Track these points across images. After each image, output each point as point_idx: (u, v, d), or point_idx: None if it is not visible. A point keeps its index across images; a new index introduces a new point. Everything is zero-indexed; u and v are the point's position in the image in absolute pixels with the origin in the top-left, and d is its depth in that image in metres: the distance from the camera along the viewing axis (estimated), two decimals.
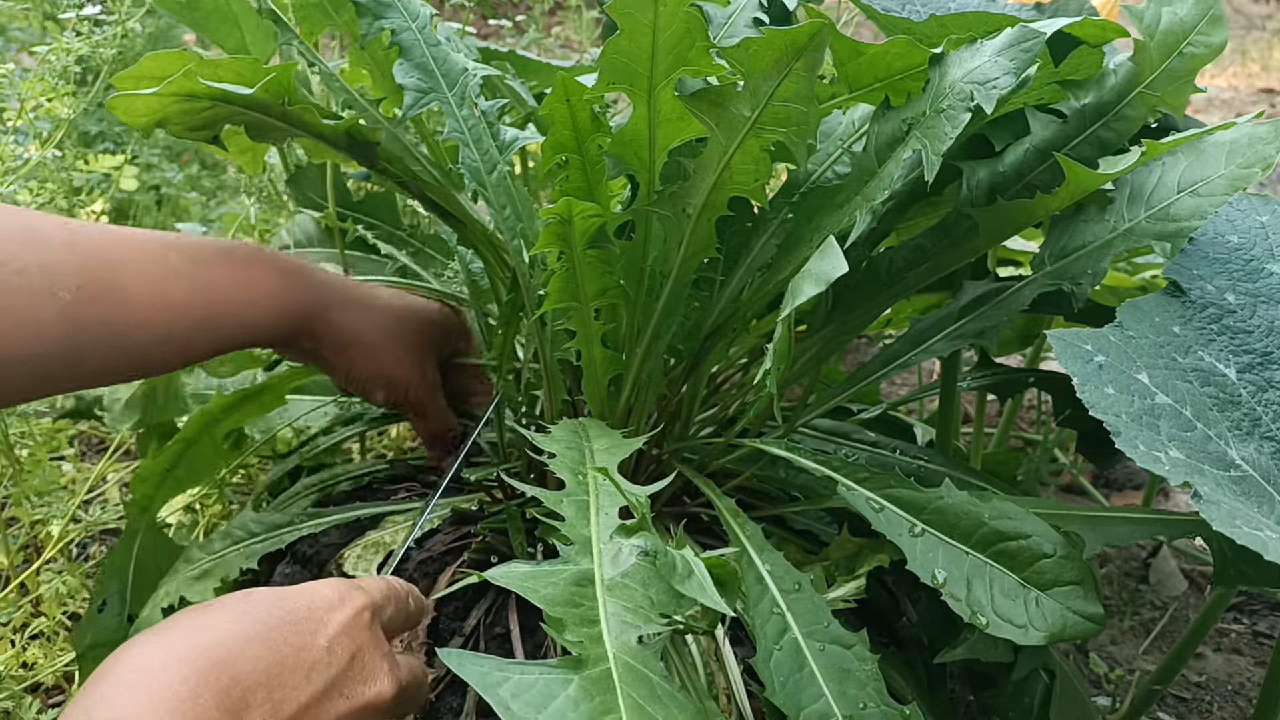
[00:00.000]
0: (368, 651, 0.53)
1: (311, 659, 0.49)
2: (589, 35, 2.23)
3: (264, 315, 0.71)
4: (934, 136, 0.66)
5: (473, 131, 0.81)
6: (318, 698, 0.49)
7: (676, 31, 0.63)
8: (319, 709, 0.49)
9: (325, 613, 0.52)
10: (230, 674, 0.46)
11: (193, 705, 0.44)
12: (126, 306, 0.63)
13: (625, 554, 0.52)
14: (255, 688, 0.46)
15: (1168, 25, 0.78)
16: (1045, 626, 0.63)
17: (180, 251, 0.67)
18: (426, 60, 0.80)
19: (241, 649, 0.47)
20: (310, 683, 0.49)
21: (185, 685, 0.44)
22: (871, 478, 0.73)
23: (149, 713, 0.43)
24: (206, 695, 0.45)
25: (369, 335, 0.80)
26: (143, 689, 0.44)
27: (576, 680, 0.44)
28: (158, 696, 0.44)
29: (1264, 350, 0.68)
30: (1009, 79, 0.65)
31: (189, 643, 0.47)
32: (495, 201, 0.80)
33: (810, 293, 0.58)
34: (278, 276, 0.73)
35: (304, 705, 0.48)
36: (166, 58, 0.76)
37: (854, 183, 0.74)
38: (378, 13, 0.80)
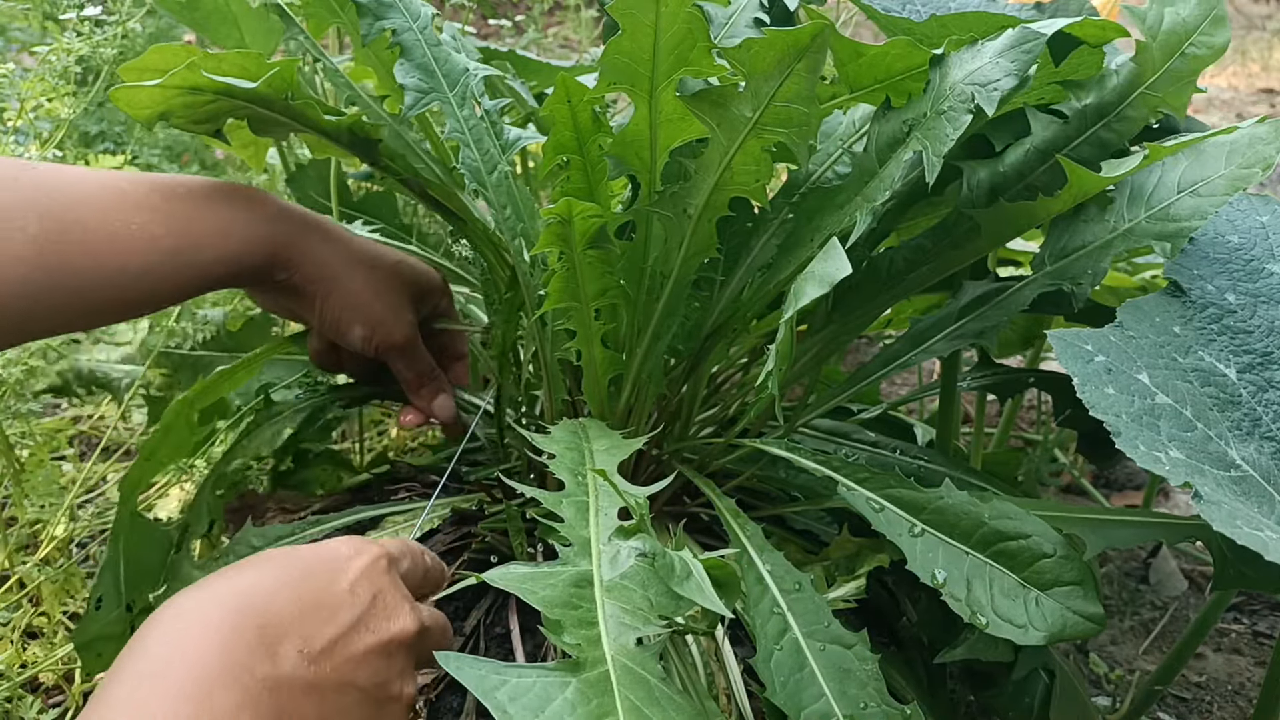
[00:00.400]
0: (388, 592, 0.55)
1: (335, 601, 0.53)
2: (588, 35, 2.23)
3: (239, 244, 0.70)
4: (935, 138, 0.66)
5: (473, 131, 0.81)
6: (345, 633, 0.52)
7: (678, 32, 0.63)
8: (346, 642, 0.52)
9: (344, 562, 0.55)
10: (264, 615, 0.49)
11: (233, 640, 0.47)
12: (96, 242, 0.62)
13: (624, 556, 0.52)
14: (288, 626, 0.50)
15: (1170, 26, 0.78)
16: (1045, 626, 0.63)
17: (152, 186, 0.67)
18: (428, 60, 0.81)
19: (272, 596, 0.50)
20: (336, 620, 0.52)
21: (225, 624, 0.47)
22: (871, 478, 0.73)
23: (193, 649, 0.46)
24: (245, 631, 0.48)
25: (346, 269, 0.78)
26: (184, 631, 0.47)
27: (574, 683, 0.44)
28: (199, 635, 0.47)
29: (1264, 350, 0.68)
30: (1010, 80, 0.65)
31: (223, 592, 0.50)
32: (496, 201, 0.80)
33: (813, 294, 0.58)
34: (251, 205, 0.72)
35: (333, 640, 0.51)
36: (171, 50, 0.76)
37: (854, 183, 0.74)
38: (379, 13, 0.80)
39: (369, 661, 0.53)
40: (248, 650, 0.47)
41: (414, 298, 0.85)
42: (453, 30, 0.93)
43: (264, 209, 0.73)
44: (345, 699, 0.51)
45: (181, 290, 0.70)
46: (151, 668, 0.45)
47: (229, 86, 0.74)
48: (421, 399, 0.88)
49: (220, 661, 0.46)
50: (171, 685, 0.44)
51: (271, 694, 0.47)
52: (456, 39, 0.91)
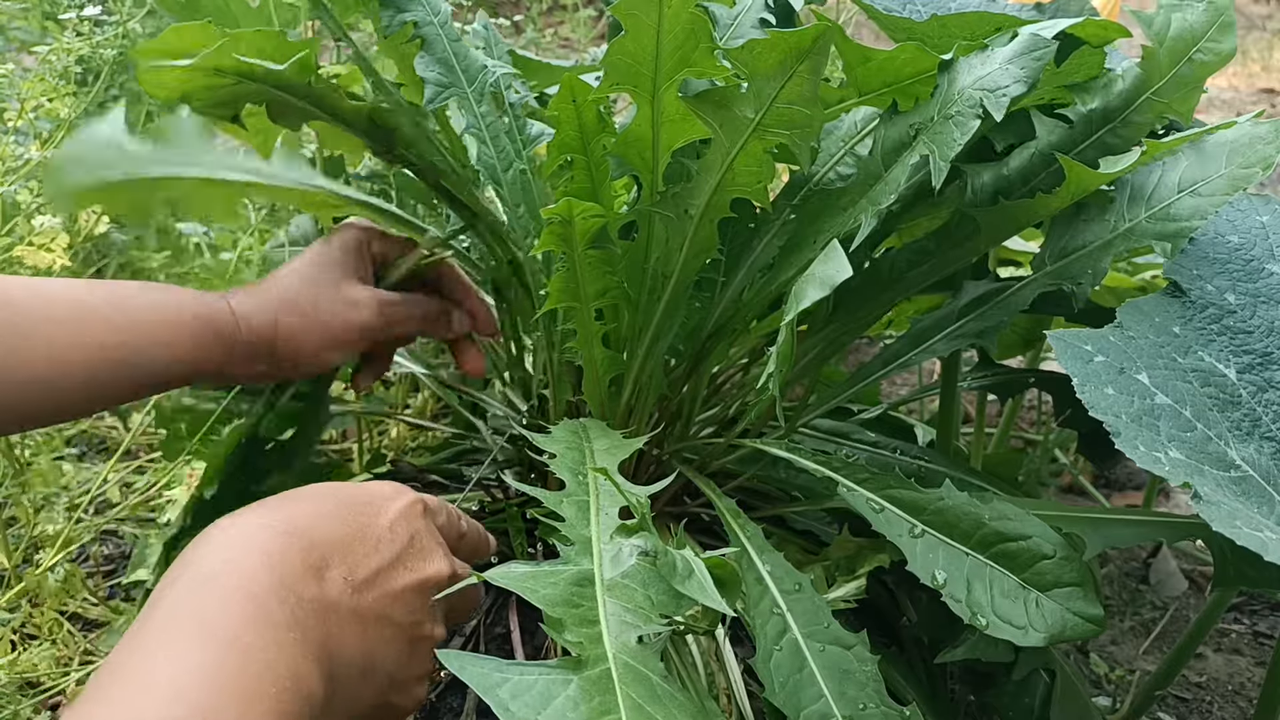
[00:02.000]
0: (423, 535, 0.57)
1: (377, 534, 0.54)
2: (586, 34, 2.23)
3: (187, 350, 0.69)
4: (942, 142, 0.66)
5: (490, 128, 0.81)
6: (385, 567, 0.53)
7: (681, 33, 0.63)
8: (386, 576, 0.53)
9: (384, 501, 0.57)
10: (310, 540, 0.51)
11: (281, 558, 0.48)
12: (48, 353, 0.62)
13: (626, 554, 0.52)
14: (333, 553, 0.51)
15: (1177, 31, 0.78)
16: (1045, 628, 0.63)
17: (102, 295, 0.66)
18: (448, 55, 0.81)
19: (317, 523, 0.52)
20: (378, 553, 0.54)
21: (273, 543, 0.49)
22: (872, 478, 0.73)
23: (245, 564, 0.47)
24: (293, 553, 0.49)
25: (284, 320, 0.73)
26: (234, 548, 0.48)
27: (576, 681, 0.44)
28: (248, 551, 0.48)
29: (1264, 350, 0.68)
30: (1019, 87, 0.65)
31: (270, 517, 0.51)
32: (510, 199, 0.80)
33: (815, 297, 0.58)
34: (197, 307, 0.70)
35: (374, 571, 0.53)
36: (189, 31, 0.74)
37: (859, 186, 0.74)
38: (401, 5, 0.81)
39: (405, 598, 0.54)
40: (296, 572, 0.49)
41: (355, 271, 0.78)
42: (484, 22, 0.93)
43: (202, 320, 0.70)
44: (384, 631, 0.52)
45: (127, 395, 0.69)
46: (207, 574, 0.46)
47: (253, 69, 0.73)
48: (440, 329, 0.84)
49: (270, 578, 0.47)
50: (226, 592, 0.45)
51: (318, 617, 0.48)
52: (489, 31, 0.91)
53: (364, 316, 0.76)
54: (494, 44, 0.92)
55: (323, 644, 0.48)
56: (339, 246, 0.78)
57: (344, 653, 0.50)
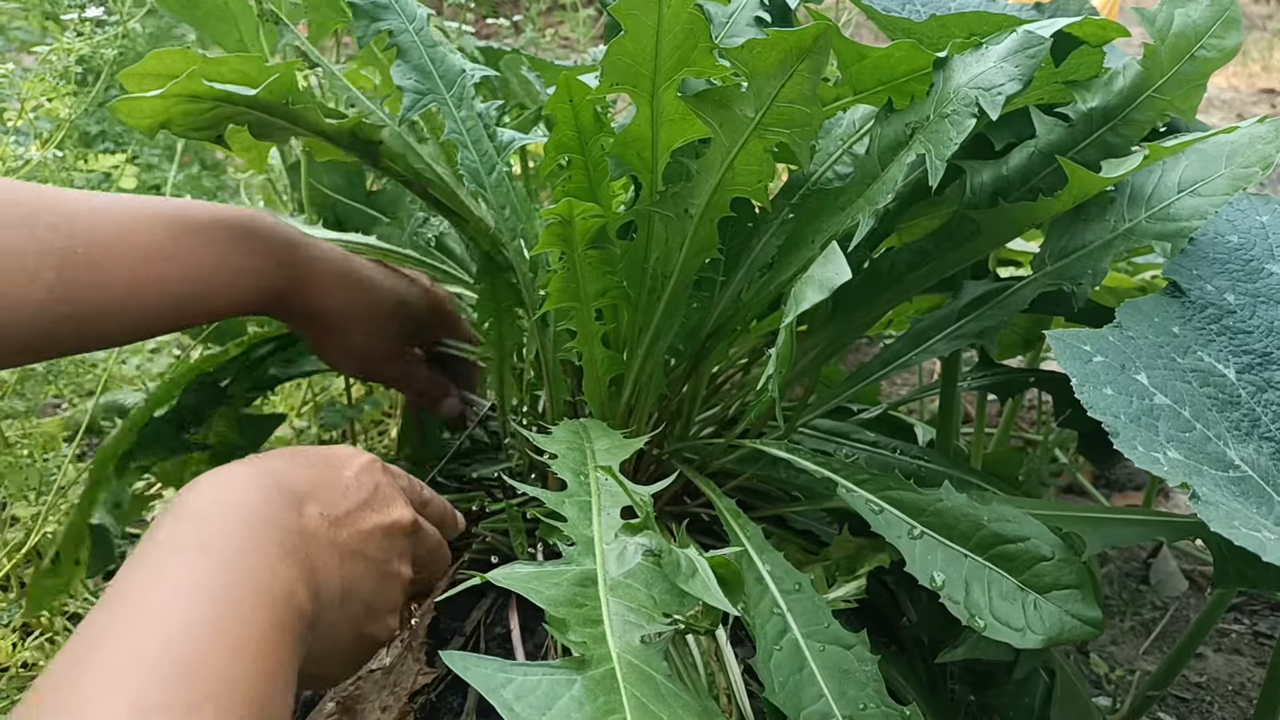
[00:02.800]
0: (385, 486, 0.61)
1: (344, 482, 0.58)
2: (586, 34, 2.23)
3: (246, 294, 0.73)
4: (938, 141, 0.66)
5: (471, 133, 0.81)
6: (354, 509, 0.57)
7: (680, 32, 0.63)
8: (357, 516, 0.57)
9: (347, 457, 0.61)
10: (289, 483, 0.54)
11: (265, 497, 0.52)
12: (109, 287, 0.65)
13: (630, 553, 0.52)
14: (307, 494, 0.55)
15: (1180, 28, 0.77)
16: (1043, 630, 0.63)
17: (167, 228, 0.69)
18: (424, 62, 0.81)
19: (290, 472, 0.56)
20: (346, 497, 0.57)
21: (254, 485, 0.52)
22: (871, 479, 0.73)
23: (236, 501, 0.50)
24: (274, 493, 0.53)
25: (342, 318, 0.81)
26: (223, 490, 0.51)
27: (580, 681, 0.44)
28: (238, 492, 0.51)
29: (1263, 350, 0.68)
30: (1014, 85, 0.65)
31: (245, 469, 0.54)
32: (495, 202, 0.80)
33: (814, 299, 0.58)
34: (262, 255, 0.73)
35: (346, 510, 0.57)
36: (170, 55, 0.76)
37: (856, 185, 0.74)
38: (374, 15, 0.80)
39: (374, 537, 0.58)
40: (280, 508, 0.52)
41: (412, 331, 0.88)
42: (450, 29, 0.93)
43: (272, 254, 0.74)
44: (358, 565, 0.56)
45: (183, 325, 0.74)
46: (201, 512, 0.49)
47: (229, 94, 0.74)
48: (426, 406, 0.92)
49: (259, 513, 0.50)
50: (219, 523, 0.49)
51: (304, 544, 0.52)
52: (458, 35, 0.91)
53: (392, 371, 0.87)
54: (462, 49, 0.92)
55: (309, 567, 0.51)
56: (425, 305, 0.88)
57: (326, 579, 0.53)
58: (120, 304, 0.66)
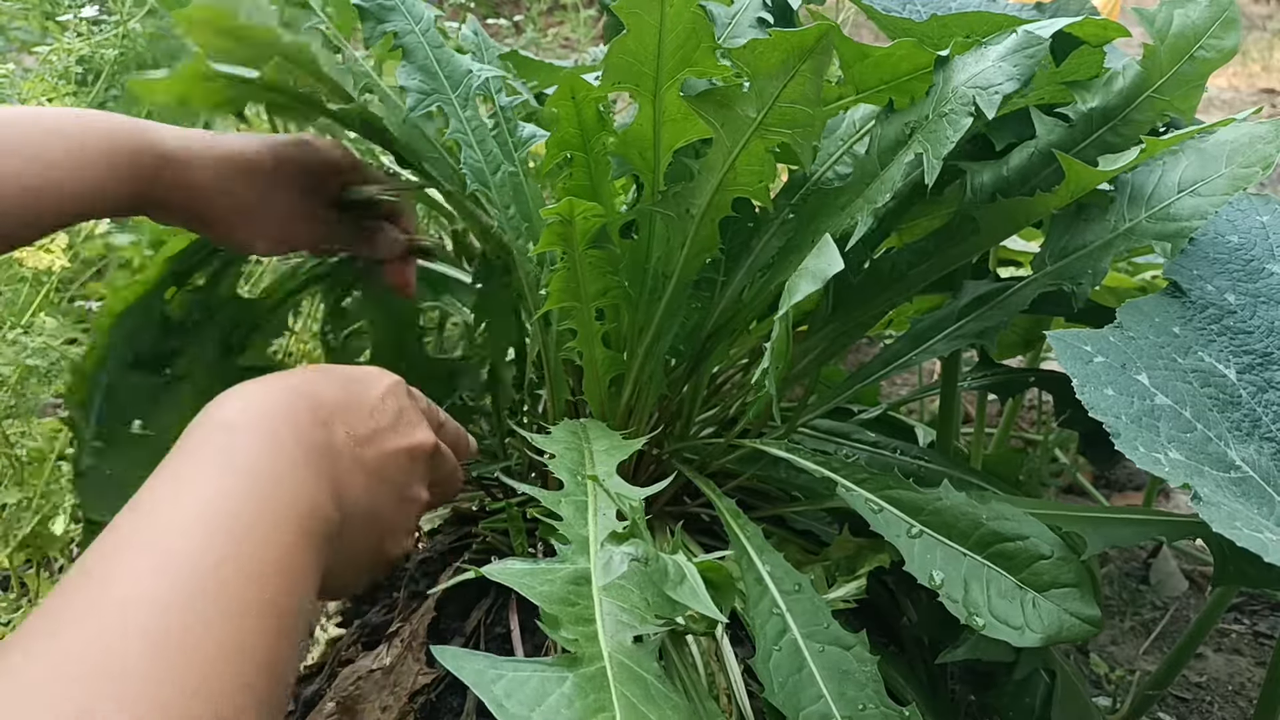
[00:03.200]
0: (409, 410, 0.62)
1: (370, 403, 0.59)
2: (587, 34, 2.23)
3: (96, 185, 0.69)
4: (936, 140, 0.66)
5: (476, 132, 0.81)
6: (380, 429, 0.58)
7: (682, 32, 0.63)
8: (381, 438, 0.58)
9: (374, 378, 0.62)
10: (317, 398, 0.55)
11: (291, 410, 0.52)
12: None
13: (617, 561, 0.52)
14: (335, 411, 0.56)
15: (1179, 28, 0.78)
16: (1042, 628, 0.63)
17: (12, 125, 0.66)
18: (429, 62, 0.81)
19: (319, 387, 0.56)
20: (373, 418, 0.58)
21: (284, 398, 0.53)
22: (870, 479, 0.73)
23: (259, 407, 0.51)
24: (301, 406, 0.53)
25: (221, 193, 0.75)
26: (251, 400, 0.52)
27: (571, 678, 0.44)
28: (264, 402, 0.52)
29: (1264, 351, 0.68)
30: (1012, 84, 0.65)
31: (280, 380, 0.55)
32: (499, 201, 0.80)
33: (807, 290, 0.58)
34: (109, 144, 0.69)
35: (372, 430, 0.58)
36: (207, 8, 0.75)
37: (855, 185, 0.74)
38: (380, 16, 0.80)
39: (397, 459, 0.59)
40: (305, 422, 0.53)
41: (311, 187, 0.80)
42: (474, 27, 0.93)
43: (123, 145, 0.70)
44: (380, 486, 0.57)
45: (38, 228, 0.69)
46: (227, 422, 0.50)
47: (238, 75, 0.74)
48: (364, 254, 0.87)
49: (284, 424, 0.51)
50: (245, 434, 0.49)
51: (329, 459, 0.53)
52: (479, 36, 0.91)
53: (306, 232, 0.81)
54: (484, 48, 0.92)
55: (334, 481, 0.52)
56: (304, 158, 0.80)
57: (351, 494, 0.54)
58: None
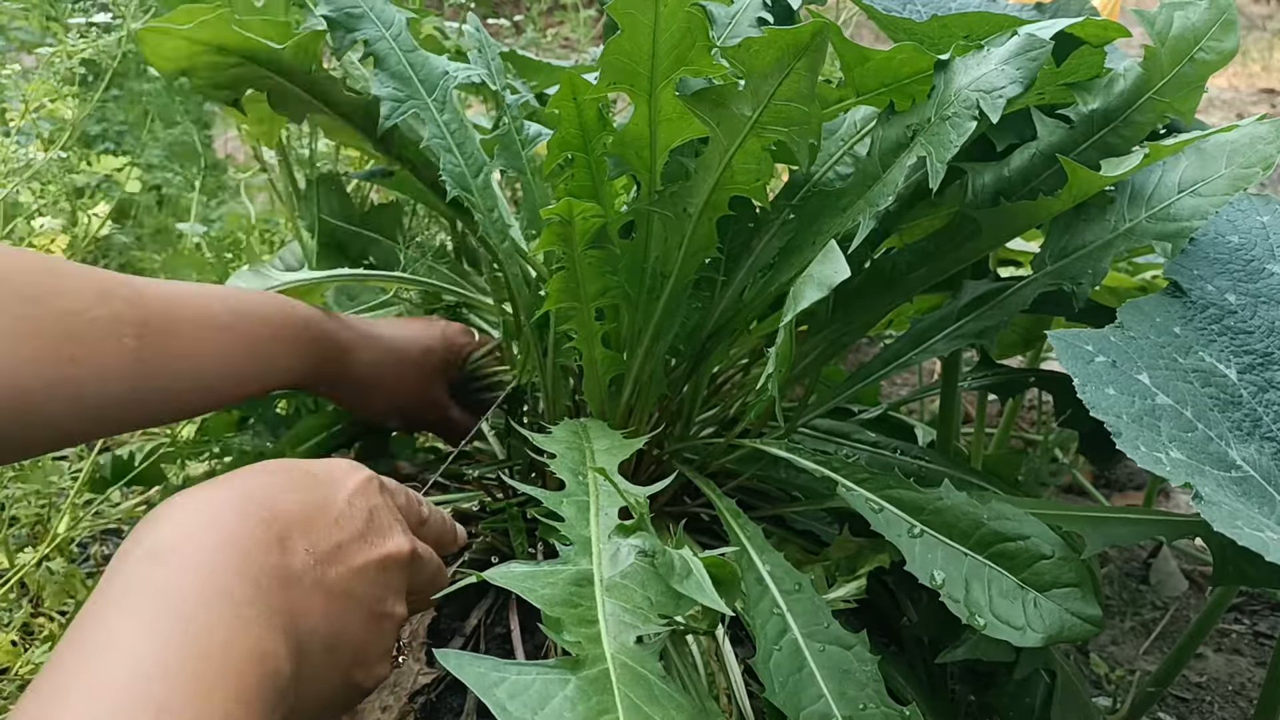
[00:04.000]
0: (381, 511, 0.57)
1: (337, 510, 0.54)
2: (587, 34, 2.23)
3: (293, 368, 0.78)
4: (939, 144, 0.66)
5: (455, 136, 0.80)
6: (346, 542, 0.53)
7: (677, 31, 0.63)
8: (348, 551, 0.52)
9: (342, 476, 0.56)
10: (272, 510, 0.49)
11: (241, 529, 0.47)
12: (182, 353, 0.68)
13: (624, 554, 0.52)
14: (293, 526, 0.50)
15: (1179, 30, 0.78)
16: (1043, 628, 0.63)
17: (226, 305, 0.72)
18: (403, 68, 0.80)
19: (276, 495, 0.51)
20: (339, 528, 0.53)
21: (232, 513, 0.48)
22: (871, 479, 0.73)
23: (200, 534, 0.46)
24: (253, 523, 0.48)
25: (376, 380, 0.87)
26: (191, 521, 0.47)
27: (574, 680, 0.44)
28: (206, 525, 0.47)
29: (1265, 351, 0.68)
30: (1015, 88, 0.65)
31: (226, 490, 0.50)
32: (482, 205, 0.80)
33: (813, 298, 0.58)
34: (304, 330, 0.78)
35: (336, 545, 0.52)
36: (199, 10, 0.76)
37: (857, 187, 0.74)
38: (349, 25, 0.79)
39: (367, 574, 0.53)
40: (258, 542, 0.47)
41: (443, 370, 0.93)
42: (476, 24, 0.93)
43: (314, 333, 0.79)
44: (348, 606, 0.51)
45: (237, 399, 0.77)
46: (163, 549, 0.45)
47: (254, 49, 0.74)
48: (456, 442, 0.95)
49: (229, 552, 0.46)
50: (182, 569, 0.44)
51: (282, 587, 0.47)
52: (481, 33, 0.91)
53: (431, 417, 0.94)
54: (486, 46, 0.92)
55: (289, 615, 0.47)
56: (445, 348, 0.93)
57: (309, 625, 0.48)
58: (195, 369, 0.69)
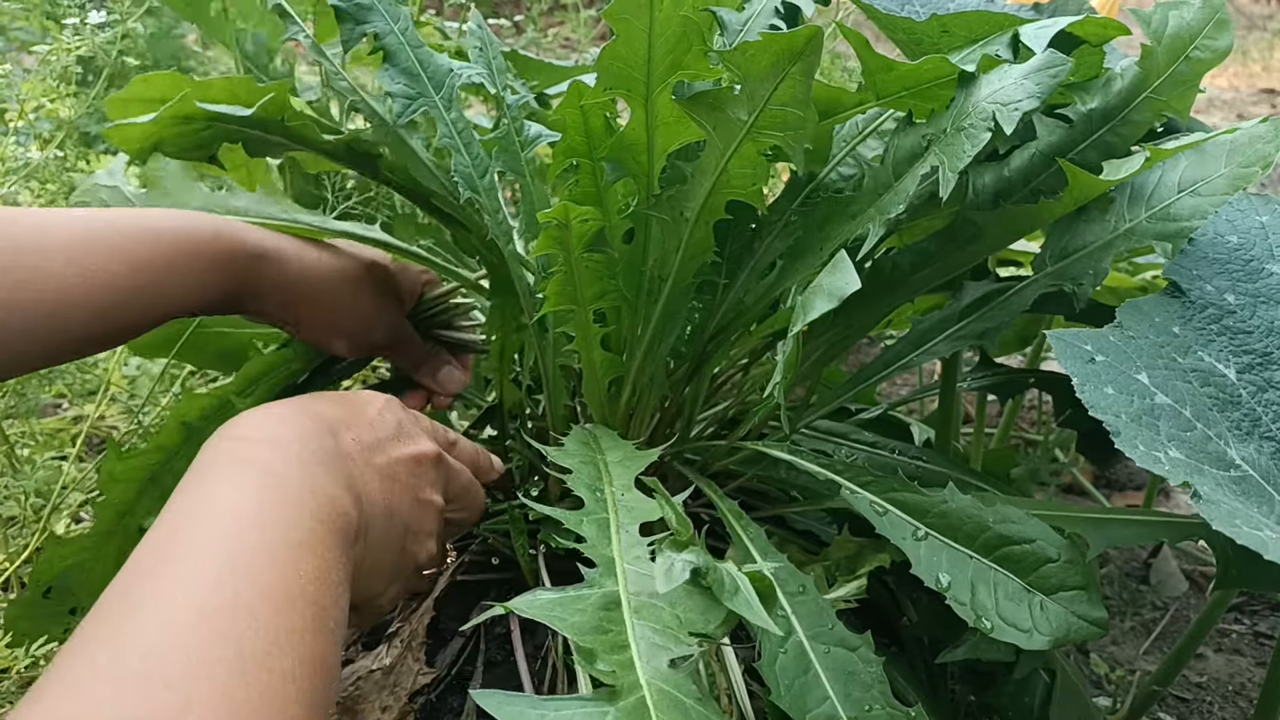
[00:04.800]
0: (407, 422, 0.64)
1: (370, 416, 0.62)
2: (587, 35, 2.23)
3: (204, 284, 0.71)
4: (953, 154, 0.66)
5: (463, 135, 0.79)
6: (382, 439, 0.60)
7: (672, 36, 0.63)
8: (386, 445, 0.60)
9: (370, 396, 0.64)
10: (317, 413, 0.57)
11: (301, 422, 0.55)
12: (55, 286, 0.64)
13: (678, 570, 0.51)
14: (338, 421, 0.58)
15: (1174, 30, 0.78)
16: (1049, 630, 0.63)
17: (114, 226, 0.67)
18: (412, 64, 0.79)
19: (318, 405, 0.59)
20: (374, 429, 0.61)
21: (292, 412, 0.56)
22: (874, 481, 0.73)
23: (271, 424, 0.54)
24: (307, 418, 0.56)
25: (312, 292, 0.78)
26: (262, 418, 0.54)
27: (612, 712, 0.44)
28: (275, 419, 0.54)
29: (1264, 350, 0.68)
30: (1032, 102, 0.65)
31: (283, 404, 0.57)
32: (489, 206, 0.80)
33: (822, 309, 0.58)
34: (217, 243, 0.71)
35: (376, 439, 0.60)
36: (157, 79, 0.77)
37: (868, 194, 0.74)
38: (359, 17, 0.78)
39: (405, 464, 0.61)
40: (315, 431, 0.55)
41: (395, 297, 0.85)
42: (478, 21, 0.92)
43: (226, 243, 0.72)
44: (395, 486, 0.59)
45: (141, 326, 0.70)
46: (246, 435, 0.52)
47: (223, 114, 0.74)
48: (424, 376, 0.89)
49: (299, 433, 0.54)
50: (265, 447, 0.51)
51: (343, 463, 0.55)
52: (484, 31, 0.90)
53: (383, 339, 0.86)
54: (489, 45, 0.91)
55: (349, 479, 0.54)
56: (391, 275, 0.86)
57: (368, 494, 0.55)
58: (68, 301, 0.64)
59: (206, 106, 0.73)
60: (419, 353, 0.88)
